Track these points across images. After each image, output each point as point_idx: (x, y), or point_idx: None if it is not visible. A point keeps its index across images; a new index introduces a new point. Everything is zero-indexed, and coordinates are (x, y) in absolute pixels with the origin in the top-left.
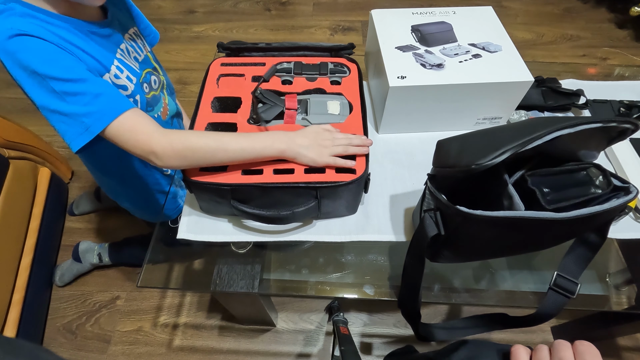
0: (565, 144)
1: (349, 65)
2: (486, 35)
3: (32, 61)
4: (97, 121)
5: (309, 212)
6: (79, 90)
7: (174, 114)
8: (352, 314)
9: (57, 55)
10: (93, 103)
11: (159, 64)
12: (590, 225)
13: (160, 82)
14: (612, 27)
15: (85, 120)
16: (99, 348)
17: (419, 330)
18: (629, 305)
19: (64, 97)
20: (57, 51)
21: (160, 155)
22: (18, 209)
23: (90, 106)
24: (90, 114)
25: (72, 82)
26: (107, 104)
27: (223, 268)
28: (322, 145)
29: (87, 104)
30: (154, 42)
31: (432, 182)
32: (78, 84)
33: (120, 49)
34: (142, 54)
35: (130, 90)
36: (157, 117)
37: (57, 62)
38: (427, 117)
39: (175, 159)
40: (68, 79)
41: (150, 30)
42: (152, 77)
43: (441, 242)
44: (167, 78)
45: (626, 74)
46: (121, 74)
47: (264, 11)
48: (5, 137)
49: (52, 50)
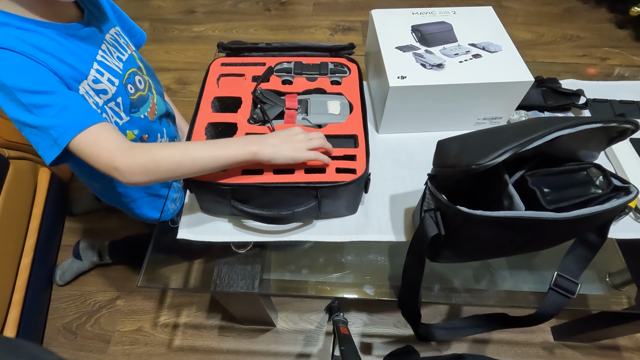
0: (565, 144)
1: (349, 65)
2: (486, 35)
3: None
4: (63, 134)
5: (309, 212)
6: (46, 102)
7: (163, 113)
8: (352, 314)
9: (25, 68)
10: (59, 116)
11: (145, 64)
12: (590, 225)
13: (146, 82)
14: (612, 27)
15: (52, 133)
16: (99, 348)
17: (419, 330)
18: (629, 305)
19: (32, 110)
20: (26, 63)
21: (123, 171)
22: (18, 209)
23: (57, 119)
24: (57, 126)
25: (40, 94)
26: (73, 117)
27: (223, 268)
28: (295, 141)
29: (54, 116)
30: (141, 42)
31: (433, 182)
32: (46, 96)
33: (101, 50)
34: (125, 53)
35: (111, 94)
36: (143, 118)
37: (25, 75)
38: (427, 117)
39: (139, 174)
40: (35, 91)
41: (135, 31)
42: (137, 77)
43: (441, 242)
44: (154, 79)
45: (626, 74)
46: (101, 77)
47: (264, 11)
48: (5, 137)
49: (21, 62)
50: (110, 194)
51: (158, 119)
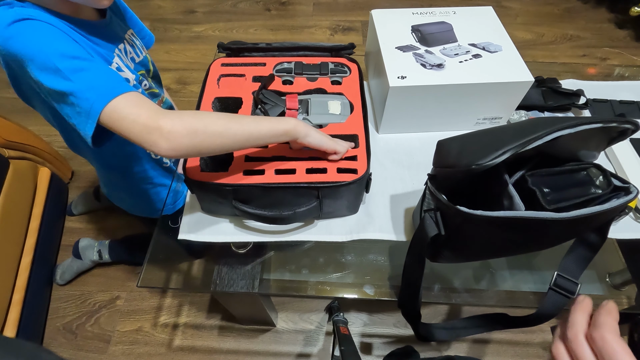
0: (565, 144)
1: (349, 65)
2: (486, 35)
3: (37, 41)
4: (100, 96)
5: (310, 212)
6: (84, 66)
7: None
8: (352, 314)
9: (61, 36)
10: (98, 78)
11: (154, 67)
12: (590, 225)
13: (149, 87)
14: (612, 27)
15: (89, 97)
16: (99, 348)
17: (419, 330)
18: (629, 305)
19: (69, 75)
20: (61, 33)
21: (167, 130)
22: (18, 209)
23: (95, 81)
24: (95, 87)
25: (77, 59)
26: (111, 81)
27: (223, 268)
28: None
29: (92, 79)
30: (150, 44)
31: (433, 182)
32: (83, 61)
33: (118, 49)
34: (140, 55)
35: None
36: None
37: (61, 41)
38: (427, 117)
39: (185, 135)
40: (72, 56)
41: (145, 32)
42: (144, 82)
43: (441, 242)
44: (159, 85)
45: (626, 74)
46: (120, 71)
47: (264, 11)
48: (5, 137)
49: (57, 32)
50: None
51: None
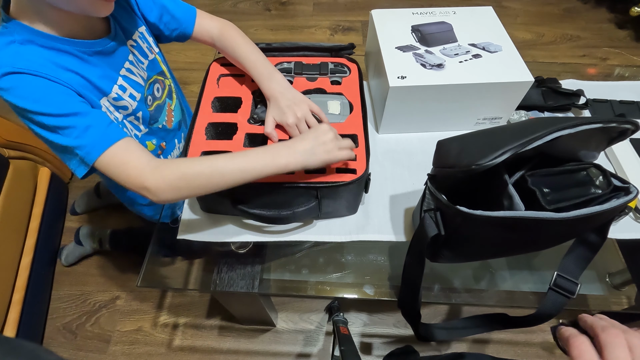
0: (565, 144)
1: (349, 65)
2: (486, 35)
3: (23, 99)
4: (89, 154)
5: (309, 212)
6: (69, 124)
7: (180, 119)
8: (352, 314)
9: (46, 91)
10: (83, 136)
11: (166, 64)
12: (590, 225)
13: (165, 87)
14: (612, 27)
15: (78, 153)
16: (99, 348)
17: (419, 330)
18: (629, 305)
19: (57, 131)
20: (47, 86)
21: (154, 191)
22: (18, 209)
23: (81, 139)
24: (82, 146)
25: (62, 117)
26: (97, 136)
27: (223, 268)
28: (326, 141)
29: (78, 137)
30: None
31: (432, 182)
32: (68, 119)
33: (128, 61)
34: (149, 56)
35: (132, 109)
36: (161, 128)
37: (46, 99)
38: (427, 117)
39: (170, 192)
40: (57, 115)
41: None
42: (156, 86)
43: (441, 242)
44: (172, 78)
45: (626, 74)
46: (123, 93)
47: (264, 11)
48: (5, 137)
49: (43, 85)
50: None
51: (177, 124)
